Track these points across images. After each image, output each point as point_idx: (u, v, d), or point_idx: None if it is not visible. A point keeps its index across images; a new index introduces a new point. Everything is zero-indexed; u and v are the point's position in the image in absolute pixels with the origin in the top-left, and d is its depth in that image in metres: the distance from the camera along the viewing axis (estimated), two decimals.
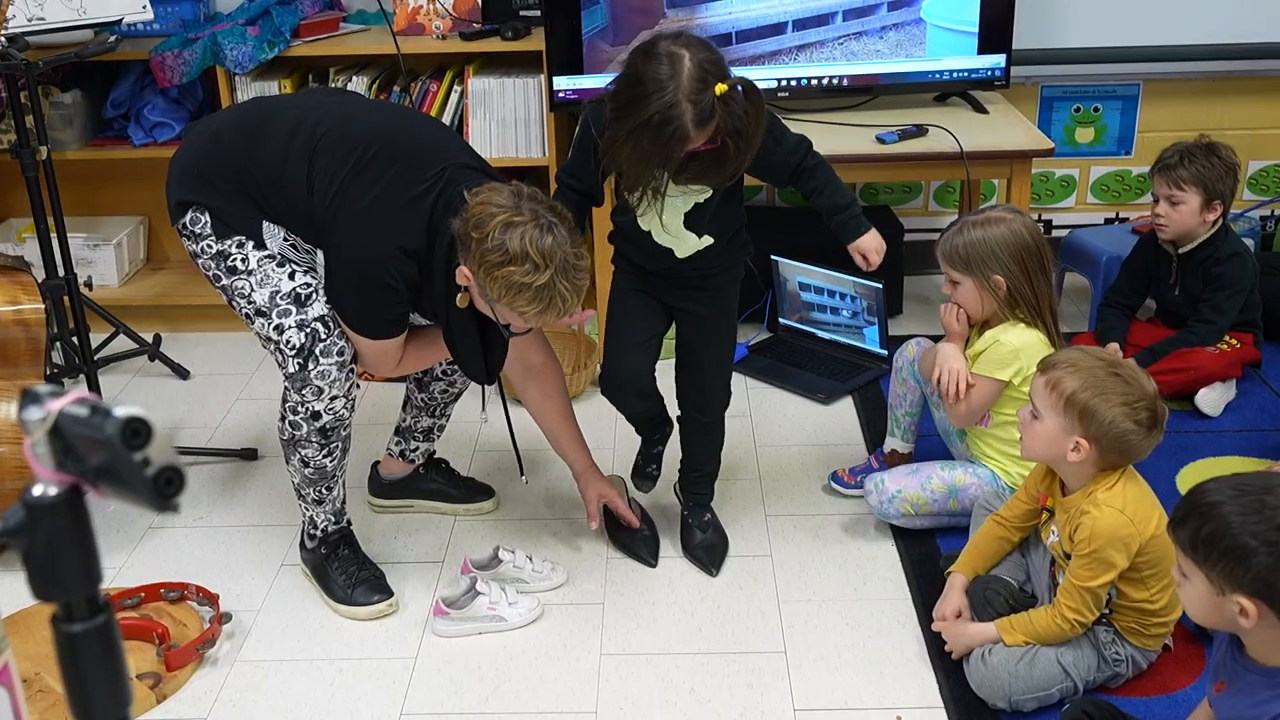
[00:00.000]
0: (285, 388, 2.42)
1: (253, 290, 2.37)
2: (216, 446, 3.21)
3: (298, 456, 2.48)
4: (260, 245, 2.38)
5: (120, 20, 3.35)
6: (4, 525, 0.93)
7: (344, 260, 2.32)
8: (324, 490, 2.54)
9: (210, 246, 2.39)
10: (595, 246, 3.35)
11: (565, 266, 2.18)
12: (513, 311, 2.24)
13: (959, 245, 2.60)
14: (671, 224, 2.41)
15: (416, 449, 2.89)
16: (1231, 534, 1.74)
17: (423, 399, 2.82)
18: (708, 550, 2.72)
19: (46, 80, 3.66)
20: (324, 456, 2.47)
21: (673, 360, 2.67)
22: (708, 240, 2.45)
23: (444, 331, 2.43)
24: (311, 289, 2.37)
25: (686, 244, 2.45)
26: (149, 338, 3.69)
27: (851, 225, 2.52)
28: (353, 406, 2.47)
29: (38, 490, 0.94)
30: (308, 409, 2.40)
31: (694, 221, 2.42)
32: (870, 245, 2.53)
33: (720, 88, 2.12)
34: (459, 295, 2.31)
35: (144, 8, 3.38)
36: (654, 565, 2.71)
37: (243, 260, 2.37)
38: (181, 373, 3.65)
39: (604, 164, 2.35)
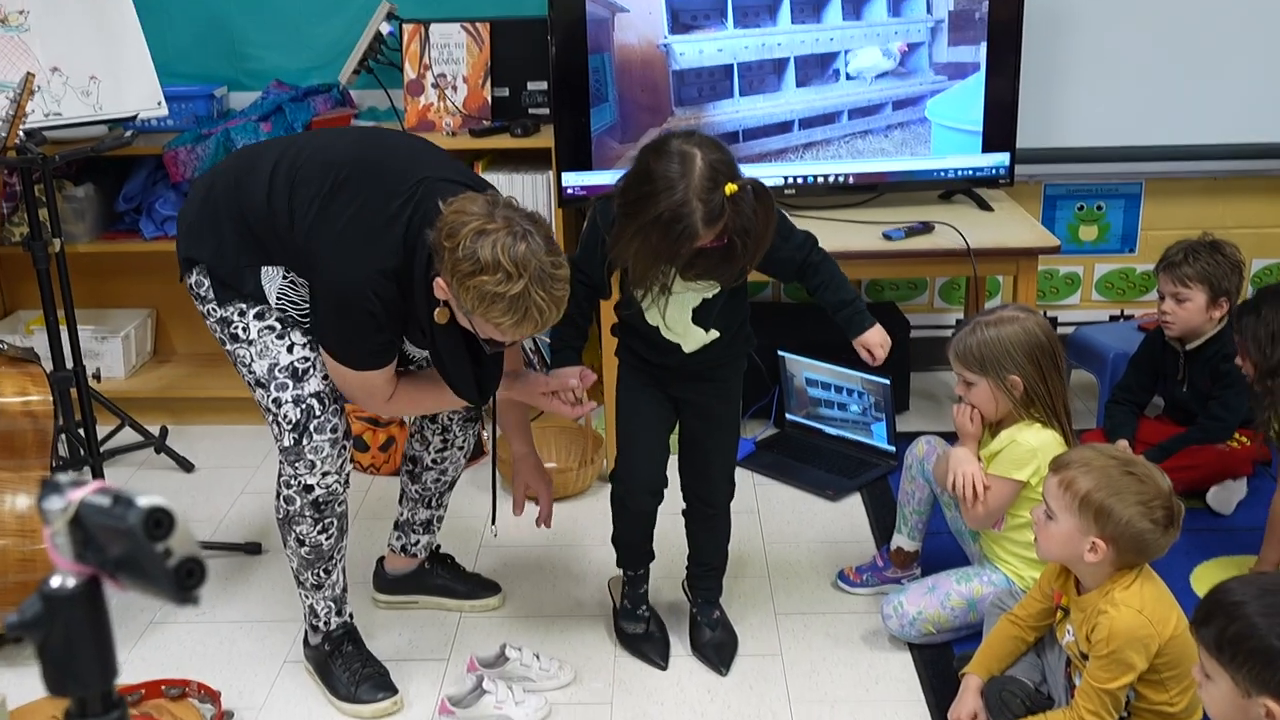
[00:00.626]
0: (280, 462, 2.43)
1: (253, 360, 2.38)
2: (220, 540, 3.18)
3: (293, 535, 2.47)
4: (260, 304, 2.37)
5: (135, 116, 3.41)
6: (20, 618, 0.91)
7: (324, 285, 2.28)
8: (322, 574, 2.51)
9: (214, 311, 2.40)
10: (601, 339, 3.35)
11: (541, 276, 2.10)
12: (488, 323, 2.16)
13: (973, 345, 2.59)
14: (679, 319, 2.42)
15: (418, 542, 2.87)
16: (1259, 635, 1.72)
17: (417, 490, 2.80)
18: (717, 649, 2.68)
19: (60, 174, 3.70)
20: (319, 533, 2.46)
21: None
22: (714, 335, 2.46)
23: (431, 353, 2.37)
24: (309, 363, 2.38)
25: (693, 339, 2.46)
26: (155, 430, 3.68)
27: (856, 320, 2.54)
28: (346, 482, 2.47)
29: (56, 581, 0.92)
30: (300, 483, 2.41)
31: (701, 317, 2.43)
32: (875, 340, 2.55)
33: (730, 188, 2.14)
34: (437, 310, 2.24)
35: (159, 104, 3.44)
36: (664, 668, 2.67)
37: (243, 329, 2.38)
38: (186, 466, 3.63)
39: (610, 259, 2.36)
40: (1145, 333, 3.52)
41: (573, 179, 3.49)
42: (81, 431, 3.06)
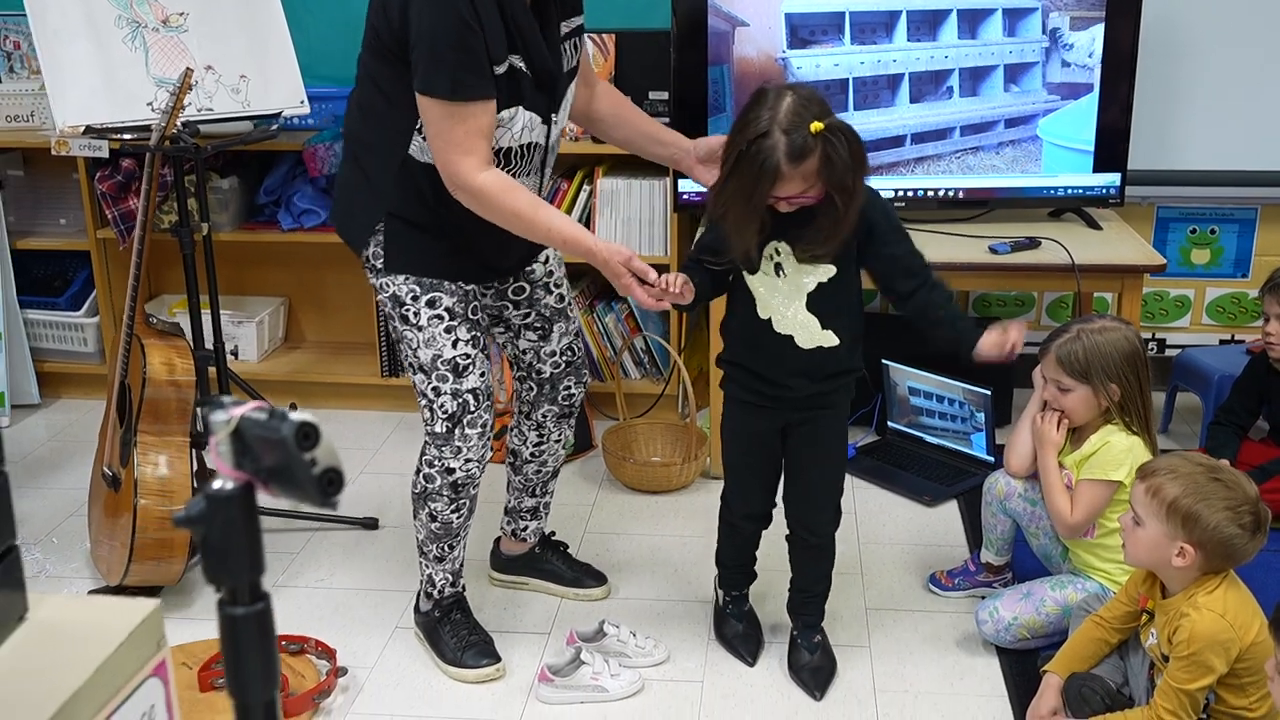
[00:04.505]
0: (426, 442, 2.57)
1: (419, 346, 2.50)
2: (340, 514, 3.36)
3: (426, 510, 2.61)
4: (431, 290, 2.47)
5: (280, 113, 3.62)
6: (187, 514, 1.06)
7: (417, 14, 2.24)
8: (446, 548, 2.66)
9: (387, 285, 2.49)
10: (710, 342, 3.46)
11: None
12: None
13: (1078, 351, 2.65)
14: (793, 304, 2.40)
15: (526, 528, 3.01)
16: None
17: (520, 481, 2.94)
18: (814, 673, 2.67)
19: (208, 167, 3.92)
20: (452, 512, 2.60)
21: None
22: (830, 337, 2.43)
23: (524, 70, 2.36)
24: (470, 360, 2.50)
25: (809, 332, 2.42)
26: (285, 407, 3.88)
27: (973, 330, 2.46)
28: (483, 468, 2.61)
29: (217, 484, 1.07)
30: (444, 465, 2.55)
31: (816, 305, 2.40)
32: (994, 340, 2.44)
33: (816, 125, 2.14)
34: None
35: (301, 102, 3.64)
36: (752, 665, 2.73)
37: (414, 314, 2.49)
38: None
39: (709, 212, 2.38)
40: (1251, 355, 3.53)
41: (688, 185, 3.62)
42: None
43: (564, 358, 2.78)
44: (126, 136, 3.29)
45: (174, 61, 3.43)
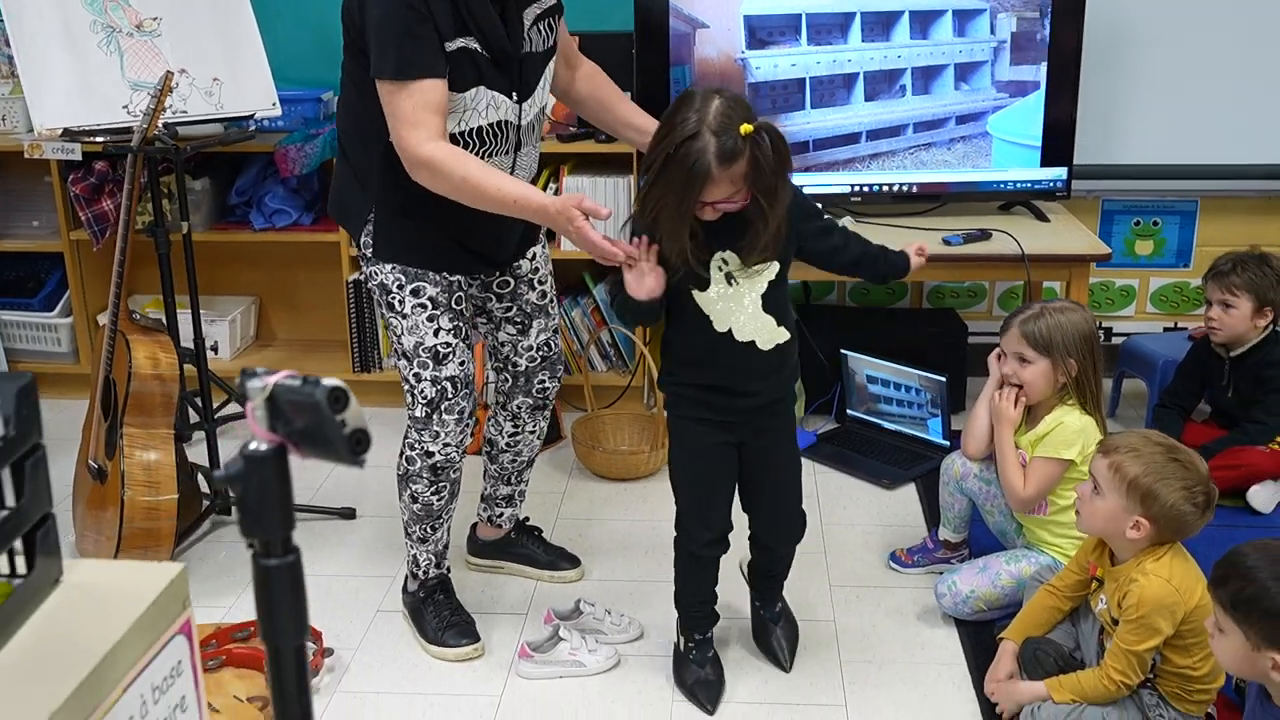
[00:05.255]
0: (408, 426, 2.68)
1: (403, 333, 2.61)
2: (319, 504, 3.44)
3: (408, 492, 2.72)
4: (415, 280, 2.57)
5: (253, 115, 3.70)
6: (226, 473, 1.16)
7: (371, 15, 2.36)
8: (428, 530, 2.76)
9: (376, 274, 2.60)
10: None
11: None
12: None
13: (1041, 328, 2.79)
14: (751, 307, 2.40)
15: (502, 514, 3.11)
16: (1270, 598, 1.91)
17: (495, 470, 3.04)
18: (782, 642, 2.75)
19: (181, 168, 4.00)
20: (432, 494, 2.70)
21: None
22: (784, 332, 2.44)
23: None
24: (450, 349, 2.61)
25: (769, 332, 2.42)
26: None
27: (899, 254, 2.66)
28: (463, 453, 2.71)
29: (253, 446, 1.17)
30: (423, 448, 2.65)
31: (769, 304, 2.42)
32: (914, 251, 2.66)
33: (746, 127, 2.15)
34: None
35: (273, 105, 3.72)
36: (711, 714, 2.60)
37: (400, 302, 2.59)
38: None
39: (636, 217, 2.34)
40: (1193, 341, 3.70)
41: None
42: (199, 400, 3.35)
43: (540, 353, 2.89)
44: (100, 139, 3.37)
45: (149, 66, 3.51)
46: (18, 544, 1.35)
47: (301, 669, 1.26)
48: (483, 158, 2.50)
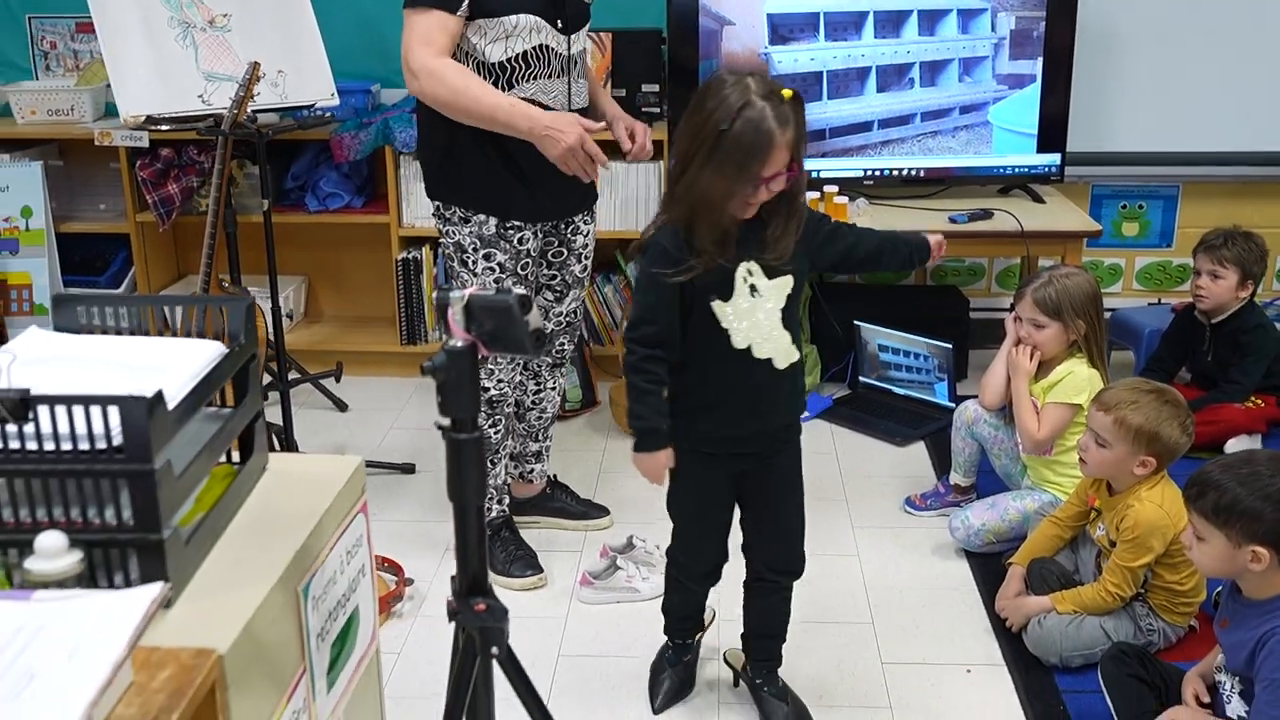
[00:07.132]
0: None
1: (469, 283, 2.92)
2: (381, 460, 3.76)
3: None
4: (488, 245, 2.90)
5: (313, 105, 4.01)
6: (433, 364, 1.49)
7: None
8: (489, 464, 3.06)
9: (453, 234, 2.93)
10: None
11: None
12: None
13: (1052, 294, 3.13)
14: (771, 321, 2.28)
15: (533, 470, 3.40)
16: (1244, 500, 2.23)
17: (523, 428, 3.33)
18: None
19: (240, 155, 4.31)
20: (490, 427, 3.04)
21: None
22: (795, 351, 2.33)
23: None
24: None
25: (784, 349, 2.31)
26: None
27: (918, 238, 2.51)
28: (514, 389, 3.05)
29: (453, 343, 1.49)
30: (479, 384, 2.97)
31: (786, 320, 2.30)
32: (935, 241, 2.51)
33: (787, 92, 2.11)
34: None
35: (332, 95, 4.04)
36: (655, 712, 2.65)
37: (473, 263, 2.93)
38: (341, 405, 4.23)
39: (668, 210, 2.25)
40: (1176, 313, 4.05)
41: None
42: (273, 365, 3.67)
43: (567, 319, 3.21)
44: (165, 128, 3.67)
45: (220, 59, 3.82)
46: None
47: (480, 523, 1.59)
48: (531, 81, 2.82)
